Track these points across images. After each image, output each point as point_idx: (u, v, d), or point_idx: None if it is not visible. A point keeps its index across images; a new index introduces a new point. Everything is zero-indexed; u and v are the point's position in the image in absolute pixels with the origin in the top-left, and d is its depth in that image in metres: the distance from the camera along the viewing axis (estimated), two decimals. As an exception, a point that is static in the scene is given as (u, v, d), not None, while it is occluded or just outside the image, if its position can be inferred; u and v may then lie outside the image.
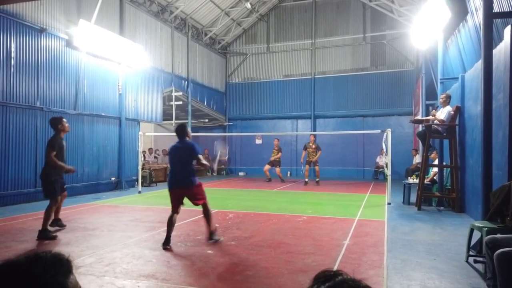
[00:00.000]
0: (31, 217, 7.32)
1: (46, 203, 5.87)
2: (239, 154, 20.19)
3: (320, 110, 19.13)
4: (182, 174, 5.33)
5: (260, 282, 3.81)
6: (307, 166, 14.48)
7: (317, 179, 14.37)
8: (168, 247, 5.06)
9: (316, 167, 14.49)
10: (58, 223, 6.19)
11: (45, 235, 5.56)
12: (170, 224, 5.25)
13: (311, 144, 14.43)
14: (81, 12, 11.02)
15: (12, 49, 9.09)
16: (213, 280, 3.86)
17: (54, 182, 5.84)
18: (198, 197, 5.40)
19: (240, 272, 4.11)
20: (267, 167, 15.42)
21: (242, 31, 20.49)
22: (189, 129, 5.68)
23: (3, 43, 8.85)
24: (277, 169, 15.22)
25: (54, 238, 5.59)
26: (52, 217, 5.92)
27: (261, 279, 3.89)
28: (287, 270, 4.17)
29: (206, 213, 5.41)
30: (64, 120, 6.10)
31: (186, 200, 5.40)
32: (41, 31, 9.83)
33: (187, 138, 5.54)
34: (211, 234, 5.38)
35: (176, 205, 5.34)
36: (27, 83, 9.47)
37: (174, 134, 5.54)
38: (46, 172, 5.85)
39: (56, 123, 5.94)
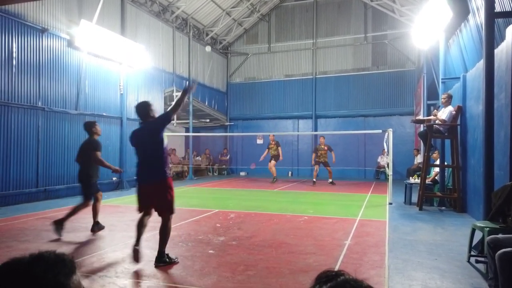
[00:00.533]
0: (32, 217, 7.34)
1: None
2: (240, 154, 20.19)
3: (321, 110, 19.12)
4: (153, 165, 4.35)
5: (261, 282, 3.81)
6: (317, 167, 14.30)
7: (330, 180, 14.11)
8: (137, 247, 4.25)
9: (328, 168, 14.24)
10: (98, 225, 6.14)
11: (58, 227, 5.64)
12: (140, 227, 4.39)
13: (322, 146, 14.26)
14: (82, 12, 11.03)
15: (14, 49, 9.10)
16: (214, 280, 3.85)
17: (94, 184, 6.09)
18: (164, 205, 4.34)
19: (241, 272, 4.11)
20: (272, 162, 14.85)
21: (243, 31, 20.49)
22: (153, 108, 4.59)
23: (5, 43, 8.87)
24: (272, 162, 14.78)
25: (60, 236, 5.61)
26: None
27: (262, 279, 3.89)
28: (288, 270, 4.17)
29: (163, 229, 4.34)
30: (97, 124, 6.40)
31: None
32: (43, 31, 9.84)
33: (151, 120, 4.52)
34: (160, 255, 4.29)
35: (144, 205, 4.43)
36: (29, 83, 9.48)
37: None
38: (89, 174, 6.03)
39: (90, 126, 6.25)
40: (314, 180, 14.07)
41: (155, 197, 4.36)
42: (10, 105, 8.97)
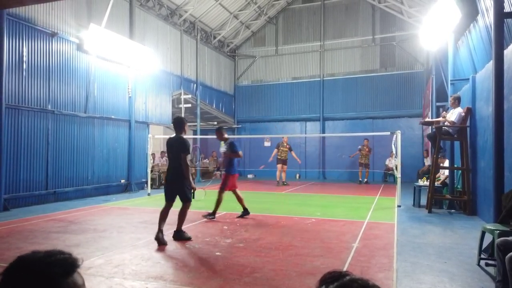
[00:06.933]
0: (42, 218, 7.41)
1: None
2: (248, 156, 20.17)
3: (329, 112, 19.06)
4: None
5: (268, 284, 3.79)
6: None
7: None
8: None
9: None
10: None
11: (180, 236, 5.62)
12: None
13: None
14: (91, 16, 11.15)
15: (24, 53, 9.23)
16: (221, 282, 3.85)
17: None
18: None
19: (248, 274, 4.10)
20: (284, 167, 15.15)
21: (250, 34, 20.54)
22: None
23: (15, 47, 8.99)
24: (283, 167, 15.13)
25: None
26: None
27: (269, 281, 3.88)
28: (295, 272, 4.15)
29: None
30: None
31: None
32: (52, 35, 9.97)
33: None
34: None
35: None
36: (39, 86, 9.60)
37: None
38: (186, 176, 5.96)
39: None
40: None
41: None
42: (20, 108, 9.09)
